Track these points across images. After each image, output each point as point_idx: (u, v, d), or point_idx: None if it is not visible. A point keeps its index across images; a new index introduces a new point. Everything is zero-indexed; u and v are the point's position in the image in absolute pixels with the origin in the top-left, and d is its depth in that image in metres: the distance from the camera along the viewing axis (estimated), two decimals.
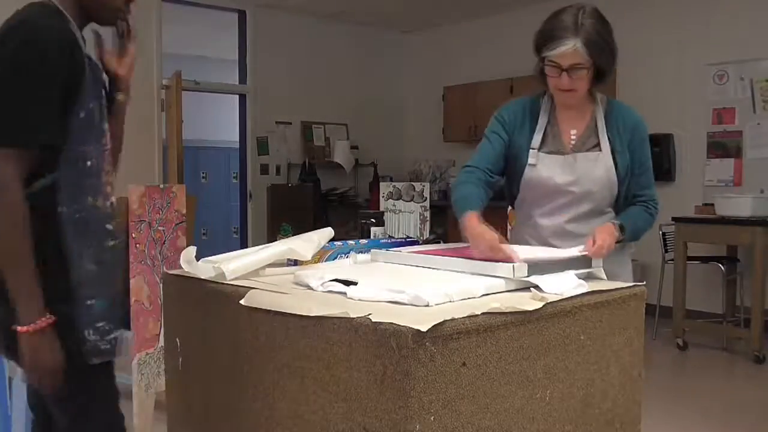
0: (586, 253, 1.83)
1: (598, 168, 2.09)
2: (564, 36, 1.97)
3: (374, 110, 8.49)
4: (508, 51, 7.18)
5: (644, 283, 1.78)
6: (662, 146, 6.13)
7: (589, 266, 1.81)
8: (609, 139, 2.11)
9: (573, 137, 2.14)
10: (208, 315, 1.76)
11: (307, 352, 1.45)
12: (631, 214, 2.11)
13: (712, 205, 5.40)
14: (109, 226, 1.65)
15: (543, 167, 2.12)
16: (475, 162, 2.15)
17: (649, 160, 2.17)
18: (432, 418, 1.27)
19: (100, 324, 1.61)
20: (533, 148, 2.13)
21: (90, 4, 1.67)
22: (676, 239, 5.38)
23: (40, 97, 1.50)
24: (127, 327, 1.69)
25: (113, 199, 1.67)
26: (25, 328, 1.50)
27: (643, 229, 2.14)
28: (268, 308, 1.53)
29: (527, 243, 2.16)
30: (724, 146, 5.95)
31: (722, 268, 5.45)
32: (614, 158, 2.10)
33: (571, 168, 2.10)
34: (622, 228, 2.02)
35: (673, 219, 5.32)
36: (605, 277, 1.83)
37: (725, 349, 5.36)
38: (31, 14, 1.55)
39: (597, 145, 2.11)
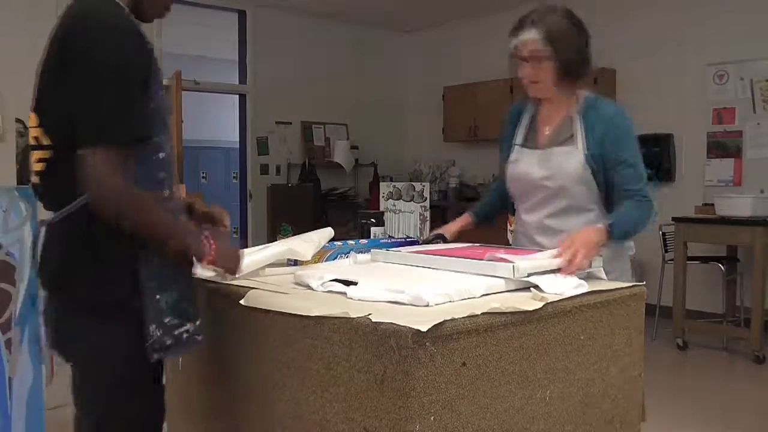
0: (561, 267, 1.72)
1: (571, 162, 2.07)
2: (524, 26, 2.06)
3: (374, 110, 8.48)
4: (508, 51, 7.17)
5: (644, 283, 1.78)
6: (662, 146, 6.13)
7: (589, 267, 1.81)
8: (584, 134, 2.08)
9: (547, 132, 2.17)
10: (208, 315, 1.76)
11: (307, 352, 1.45)
12: (622, 211, 2.01)
13: (712, 205, 5.39)
14: (181, 218, 1.64)
15: (522, 163, 2.18)
16: (500, 172, 2.31)
17: (635, 156, 2.06)
18: (432, 418, 1.27)
19: (167, 319, 1.55)
20: (516, 144, 2.21)
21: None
22: (676, 239, 5.37)
23: (128, 90, 1.45)
24: (195, 320, 1.61)
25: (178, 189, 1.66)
26: (207, 262, 1.62)
27: (641, 222, 2.01)
28: (268, 308, 1.53)
29: (520, 241, 2.20)
30: (724, 146, 5.95)
31: (722, 268, 5.45)
32: (589, 153, 2.05)
33: (546, 163, 2.12)
34: (610, 227, 1.92)
35: (673, 219, 5.31)
36: (605, 277, 1.83)
37: (725, 349, 5.35)
38: (95, 5, 1.50)
39: (570, 138, 2.10)
